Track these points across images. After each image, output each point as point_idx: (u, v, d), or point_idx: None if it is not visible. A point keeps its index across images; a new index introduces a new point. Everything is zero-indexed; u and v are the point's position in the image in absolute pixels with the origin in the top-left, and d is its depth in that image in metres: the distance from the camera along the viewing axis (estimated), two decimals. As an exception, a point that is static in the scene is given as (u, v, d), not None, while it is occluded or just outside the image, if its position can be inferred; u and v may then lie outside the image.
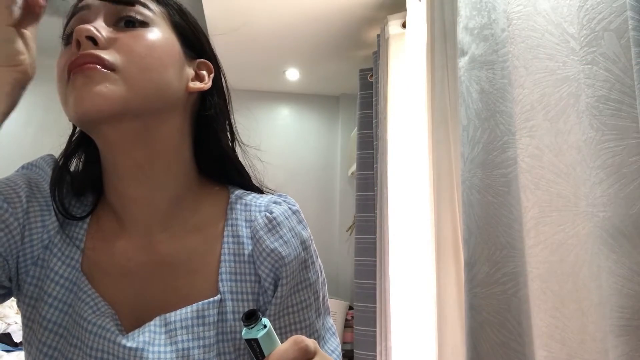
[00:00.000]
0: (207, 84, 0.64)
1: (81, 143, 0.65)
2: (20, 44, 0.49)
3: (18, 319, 2.31)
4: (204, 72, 0.65)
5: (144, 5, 0.58)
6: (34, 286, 0.58)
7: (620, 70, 0.69)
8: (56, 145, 0.66)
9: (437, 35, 1.49)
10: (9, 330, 2.24)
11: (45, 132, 2.77)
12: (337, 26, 2.51)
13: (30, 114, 2.90)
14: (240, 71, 3.12)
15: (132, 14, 0.57)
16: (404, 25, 2.05)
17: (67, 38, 0.58)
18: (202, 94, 0.65)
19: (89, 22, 0.56)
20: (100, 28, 0.55)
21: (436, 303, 1.34)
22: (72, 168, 0.65)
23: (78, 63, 0.52)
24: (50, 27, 0.53)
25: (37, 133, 2.80)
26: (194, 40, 0.64)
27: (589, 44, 0.73)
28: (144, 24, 0.57)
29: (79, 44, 0.53)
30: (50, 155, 0.65)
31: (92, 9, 0.57)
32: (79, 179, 0.64)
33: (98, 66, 0.52)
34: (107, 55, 0.53)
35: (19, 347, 2.19)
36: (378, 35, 2.31)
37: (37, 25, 0.52)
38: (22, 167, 0.64)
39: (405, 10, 1.84)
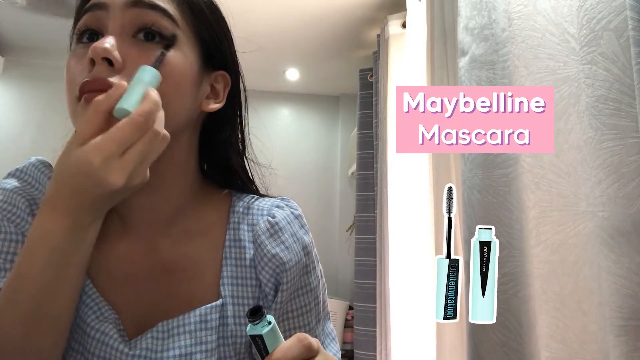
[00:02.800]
0: (221, 102, 0.62)
1: None
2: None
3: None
4: (220, 86, 0.62)
5: (167, 15, 0.55)
6: None
7: (620, 69, 0.69)
8: (55, 145, 0.65)
9: (437, 35, 1.49)
10: (9, 330, 2.24)
11: (44, 132, 2.76)
12: (337, 26, 2.51)
13: (29, 114, 2.90)
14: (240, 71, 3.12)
15: (154, 27, 0.54)
16: (404, 25, 2.05)
17: (81, 35, 0.55)
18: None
19: (105, 28, 0.53)
20: (117, 44, 0.52)
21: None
22: None
23: (90, 89, 0.50)
24: (50, 28, 0.53)
25: (36, 133, 2.79)
26: (215, 52, 0.61)
27: (588, 44, 0.73)
28: (165, 39, 0.54)
29: (93, 62, 0.51)
30: (39, 159, 0.63)
31: (111, 10, 0.54)
32: None
33: None
34: (120, 81, 0.50)
35: (19, 347, 2.19)
36: (378, 35, 2.31)
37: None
38: (12, 176, 0.62)
39: (405, 10, 1.84)
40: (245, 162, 0.69)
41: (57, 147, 0.65)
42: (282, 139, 3.49)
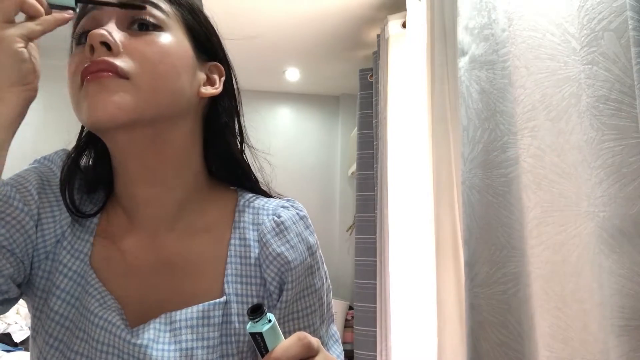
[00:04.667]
0: (218, 88, 0.63)
1: (90, 140, 0.64)
2: (30, 63, 0.50)
3: (18, 319, 2.31)
4: (216, 76, 0.64)
5: (157, 7, 0.58)
6: (45, 279, 0.58)
7: (620, 70, 0.69)
8: (55, 145, 0.66)
9: (437, 35, 1.49)
10: (9, 330, 2.24)
11: (44, 131, 2.76)
12: (337, 26, 2.51)
13: (30, 113, 2.89)
14: (240, 71, 3.12)
15: (146, 17, 0.56)
16: (404, 25, 2.05)
17: (79, 37, 0.58)
18: (213, 98, 0.64)
19: (101, 24, 0.55)
20: (113, 32, 0.54)
21: (436, 303, 1.34)
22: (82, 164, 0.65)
23: (92, 70, 0.52)
24: (49, 27, 0.53)
25: (36, 133, 2.79)
26: (206, 43, 0.63)
27: (589, 44, 0.73)
28: (158, 27, 0.57)
29: (92, 48, 0.53)
30: (64, 150, 0.65)
31: (105, 9, 0.56)
32: (90, 176, 0.64)
33: (112, 74, 0.52)
34: (120, 62, 0.53)
35: (19, 347, 2.19)
36: (378, 35, 2.31)
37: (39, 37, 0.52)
38: (36, 161, 0.64)
39: (405, 10, 1.84)
40: (245, 156, 0.69)
41: (57, 147, 0.65)
42: (282, 139, 3.49)
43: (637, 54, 0.62)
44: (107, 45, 0.53)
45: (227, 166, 0.67)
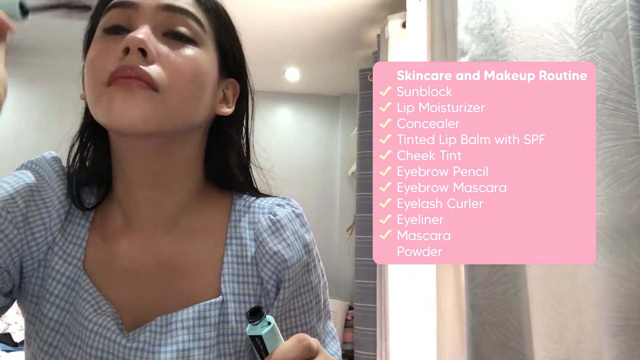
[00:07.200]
0: (231, 108, 0.64)
1: (91, 134, 0.64)
2: None
3: (18, 318, 2.31)
4: (231, 94, 0.65)
5: (196, 20, 0.57)
6: (38, 286, 0.58)
7: (619, 69, 0.69)
8: (55, 146, 0.65)
9: (437, 35, 1.49)
10: (9, 330, 2.25)
11: (43, 132, 2.77)
12: (337, 26, 2.51)
13: (29, 114, 2.90)
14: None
15: (184, 29, 0.56)
16: (404, 25, 2.06)
17: (108, 29, 0.56)
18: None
19: (136, 25, 0.54)
20: (151, 40, 0.53)
21: (436, 303, 1.34)
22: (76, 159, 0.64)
23: (124, 75, 0.51)
24: (49, 28, 0.53)
25: (35, 134, 2.79)
26: (231, 61, 0.64)
27: (587, 44, 0.73)
28: (192, 41, 0.56)
29: (127, 50, 0.52)
30: (51, 153, 0.64)
31: (141, 11, 0.55)
32: (90, 170, 0.64)
33: (143, 84, 0.51)
34: (153, 72, 0.52)
35: (19, 347, 2.19)
36: (378, 35, 2.31)
37: (4, 44, 0.51)
38: (23, 166, 0.63)
39: (405, 10, 1.85)
40: (251, 170, 0.69)
41: (57, 146, 0.65)
42: (283, 139, 3.49)
43: (636, 54, 0.62)
44: (143, 51, 0.52)
45: (224, 176, 0.67)
